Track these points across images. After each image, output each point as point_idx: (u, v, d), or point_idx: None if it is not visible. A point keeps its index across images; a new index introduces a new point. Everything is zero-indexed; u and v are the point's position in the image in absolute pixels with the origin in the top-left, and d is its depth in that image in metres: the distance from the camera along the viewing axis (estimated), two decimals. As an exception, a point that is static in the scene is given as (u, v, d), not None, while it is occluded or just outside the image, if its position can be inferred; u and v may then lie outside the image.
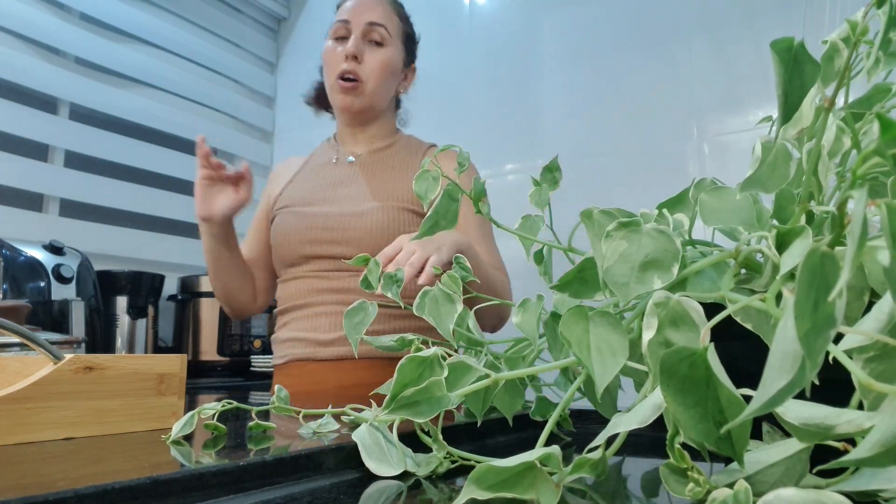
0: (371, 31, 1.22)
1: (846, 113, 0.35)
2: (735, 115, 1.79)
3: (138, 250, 2.15)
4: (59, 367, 0.46)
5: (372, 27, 1.22)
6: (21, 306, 0.95)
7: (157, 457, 0.39)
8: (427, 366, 0.38)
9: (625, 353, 0.33)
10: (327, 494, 0.35)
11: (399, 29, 1.28)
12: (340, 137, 1.34)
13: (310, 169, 1.32)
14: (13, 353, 0.65)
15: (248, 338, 2.07)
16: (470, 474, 0.29)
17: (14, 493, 0.27)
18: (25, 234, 1.75)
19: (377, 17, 1.23)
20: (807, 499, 0.21)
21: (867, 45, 0.38)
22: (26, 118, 1.90)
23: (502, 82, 2.19)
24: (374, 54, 1.22)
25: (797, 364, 0.20)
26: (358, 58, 1.20)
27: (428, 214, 0.51)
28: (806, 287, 0.20)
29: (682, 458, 0.28)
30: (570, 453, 0.49)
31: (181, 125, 2.35)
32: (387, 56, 1.22)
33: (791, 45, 0.32)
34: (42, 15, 1.97)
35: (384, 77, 1.23)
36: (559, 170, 0.54)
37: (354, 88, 1.21)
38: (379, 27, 1.22)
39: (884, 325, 0.26)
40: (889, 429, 0.20)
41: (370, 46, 1.22)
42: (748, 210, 0.38)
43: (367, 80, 1.21)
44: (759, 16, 1.77)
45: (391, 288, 0.61)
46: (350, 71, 1.20)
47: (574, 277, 0.41)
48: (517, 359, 0.51)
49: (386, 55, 1.23)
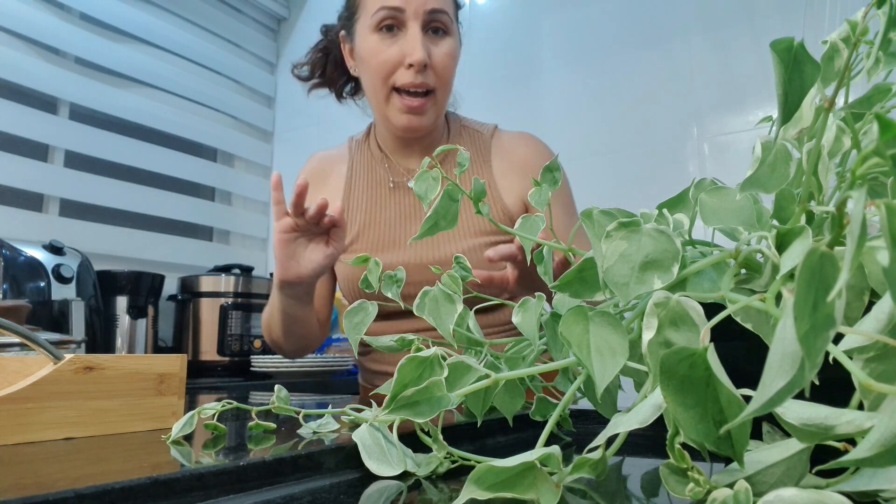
0: (432, 20, 0.95)
1: (846, 113, 0.35)
2: (735, 115, 1.79)
3: (138, 250, 2.15)
4: (59, 367, 0.46)
5: (433, 15, 0.94)
6: (21, 306, 0.95)
7: (157, 457, 0.39)
8: (427, 366, 0.38)
9: (625, 354, 0.33)
10: (327, 494, 0.35)
11: (453, 2, 1.01)
12: (386, 145, 1.08)
13: (361, 191, 1.07)
14: (13, 353, 0.65)
15: (248, 338, 2.07)
16: (470, 474, 0.29)
17: (14, 493, 0.27)
18: (25, 234, 1.75)
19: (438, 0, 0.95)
20: (807, 499, 0.21)
21: (867, 45, 0.38)
22: (26, 118, 1.90)
23: (502, 82, 2.19)
24: (440, 48, 0.95)
25: (796, 364, 0.20)
26: (429, 64, 0.94)
27: (428, 215, 0.51)
28: (805, 287, 0.20)
29: (683, 458, 0.28)
30: (570, 453, 0.49)
31: (181, 125, 2.35)
32: (453, 46, 0.97)
33: (791, 45, 0.32)
34: (42, 15, 1.97)
35: (453, 73, 0.99)
36: (559, 170, 0.54)
37: (422, 107, 0.95)
38: (441, 14, 0.95)
39: (884, 325, 0.26)
40: (888, 429, 0.20)
41: (431, 38, 0.95)
42: (748, 210, 0.38)
43: (439, 88, 0.96)
44: (759, 16, 1.77)
45: (391, 288, 0.61)
46: (420, 84, 0.94)
47: (574, 277, 0.41)
48: (517, 359, 0.51)
49: (453, 46, 0.97)
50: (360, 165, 1.10)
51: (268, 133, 2.72)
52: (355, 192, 1.08)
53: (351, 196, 1.08)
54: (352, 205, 1.07)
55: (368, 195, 1.07)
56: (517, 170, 1.05)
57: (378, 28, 0.95)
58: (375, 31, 0.95)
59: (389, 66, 0.94)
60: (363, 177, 1.09)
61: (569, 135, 2.02)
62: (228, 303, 2.06)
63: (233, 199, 2.62)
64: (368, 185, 1.08)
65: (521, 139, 1.09)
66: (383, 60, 0.94)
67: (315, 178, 1.12)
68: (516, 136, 1.10)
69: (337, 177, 1.11)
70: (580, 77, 2.04)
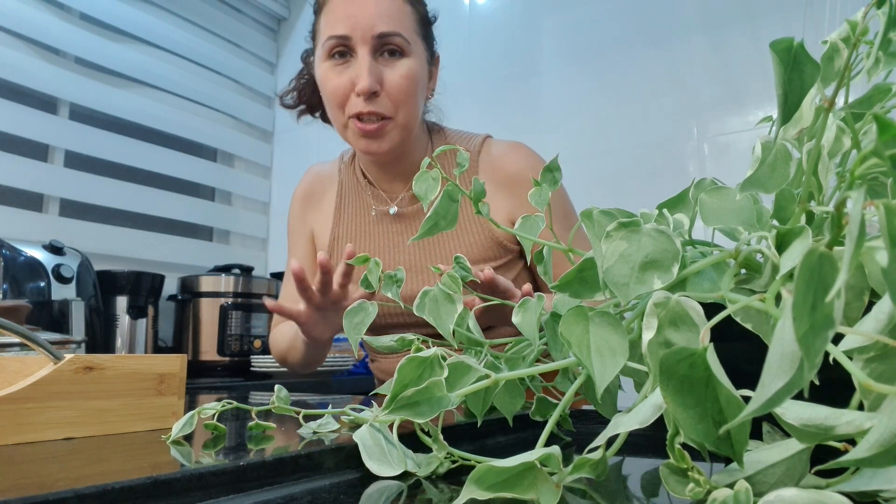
0: (383, 43, 0.91)
1: (846, 113, 0.35)
2: (735, 115, 1.79)
3: (138, 250, 2.15)
4: (59, 367, 0.46)
5: (384, 39, 0.91)
6: (21, 306, 0.95)
7: (157, 457, 0.39)
8: (427, 366, 0.38)
9: (625, 354, 0.33)
10: (327, 494, 0.35)
11: (414, 20, 0.96)
12: (369, 171, 1.06)
13: (349, 218, 1.08)
14: (13, 353, 0.65)
15: (248, 338, 2.07)
16: (470, 474, 0.29)
17: (14, 493, 0.27)
18: (25, 234, 1.75)
19: (387, 21, 0.90)
20: (808, 499, 0.21)
21: (867, 45, 0.38)
22: (26, 118, 1.90)
23: (502, 82, 2.19)
24: (395, 71, 0.92)
25: (795, 365, 0.20)
26: (378, 92, 0.91)
27: (428, 215, 0.51)
28: (804, 288, 0.20)
29: (683, 459, 0.28)
30: (570, 453, 0.49)
31: (181, 125, 2.35)
32: (411, 68, 0.93)
33: (790, 45, 0.32)
34: (42, 15, 1.97)
35: (413, 95, 0.93)
36: (559, 170, 0.54)
37: (380, 130, 0.92)
38: (393, 37, 0.91)
39: (884, 325, 0.26)
40: (887, 429, 0.20)
41: (386, 61, 0.92)
42: (748, 210, 0.38)
43: (396, 113, 0.93)
44: (759, 16, 1.77)
45: (391, 288, 0.61)
46: (371, 112, 0.91)
47: (574, 277, 0.41)
48: (517, 359, 0.51)
49: (410, 67, 0.92)
50: (348, 190, 1.10)
51: (268, 133, 2.72)
52: (344, 220, 1.09)
53: (340, 224, 1.09)
54: (341, 233, 1.08)
55: (356, 223, 1.07)
56: (505, 187, 1.00)
57: (330, 56, 0.93)
58: (327, 58, 0.94)
59: (341, 93, 0.92)
60: (351, 202, 1.09)
61: (569, 134, 2.02)
62: (228, 303, 2.06)
63: (233, 199, 2.62)
64: (356, 213, 1.08)
65: (511, 151, 1.03)
66: (334, 88, 0.93)
67: (310, 198, 1.14)
68: (507, 148, 1.04)
69: (328, 201, 1.12)
70: (580, 77, 2.04)
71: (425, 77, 0.98)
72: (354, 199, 1.09)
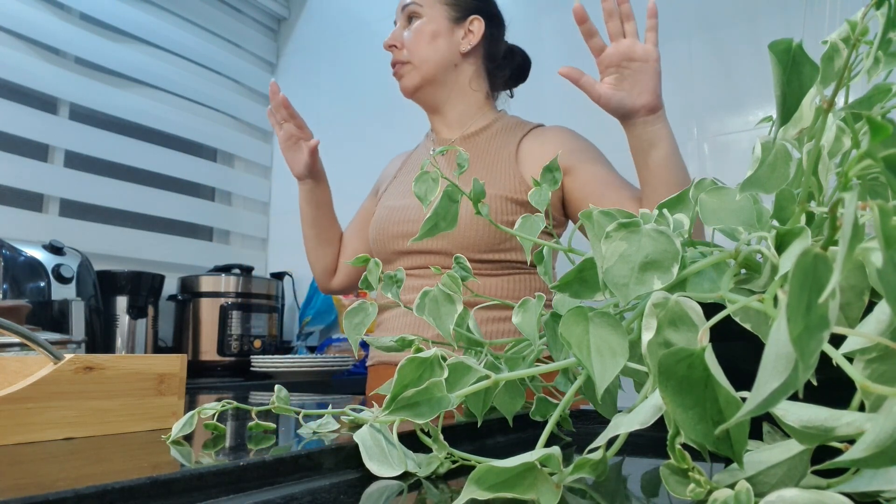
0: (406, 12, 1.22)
1: (846, 113, 0.35)
2: (735, 115, 1.79)
3: (138, 250, 2.15)
4: (59, 367, 0.46)
5: (406, 9, 1.23)
6: (21, 306, 0.95)
7: (157, 457, 0.39)
8: (427, 366, 0.38)
9: (625, 354, 0.33)
10: (327, 494, 0.35)
11: None
12: (432, 125, 1.34)
13: (411, 163, 1.33)
14: (13, 353, 0.65)
15: (248, 338, 2.07)
16: (470, 475, 0.29)
17: (14, 493, 0.27)
18: (25, 234, 1.75)
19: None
20: (808, 499, 0.21)
21: (867, 45, 0.38)
22: (26, 118, 1.90)
23: (502, 82, 2.18)
24: (410, 31, 1.22)
25: (790, 366, 0.20)
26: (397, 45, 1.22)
27: (428, 215, 0.51)
28: (798, 288, 0.20)
29: (683, 459, 0.28)
30: (570, 453, 0.49)
31: (181, 125, 2.35)
32: (420, 25, 1.21)
33: (789, 46, 0.32)
34: (42, 15, 1.97)
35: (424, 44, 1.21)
36: (559, 170, 0.54)
37: (398, 71, 1.23)
38: (412, 5, 1.22)
39: (885, 326, 0.26)
40: (883, 430, 0.20)
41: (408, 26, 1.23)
42: (748, 210, 0.38)
43: (410, 57, 1.21)
44: (759, 16, 1.77)
45: (391, 288, 0.61)
46: (393, 62, 1.23)
47: (574, 277, 0.41)
48: (517, 359, 0.51)
49: (418, 25, 1.21)
50: (421, 146, 1.36)
51: (268, 133, 2.72)
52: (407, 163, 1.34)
53: (403, 167, 1.34)
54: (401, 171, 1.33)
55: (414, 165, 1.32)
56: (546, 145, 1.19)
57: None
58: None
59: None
60: (418, 154, 1.34)
61: (569, 135, 2.01)
62: (228, 303, 2.06)
63: (233, 199, 2.62)
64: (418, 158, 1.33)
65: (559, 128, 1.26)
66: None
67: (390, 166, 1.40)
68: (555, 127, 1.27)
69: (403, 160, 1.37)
70: (580, 77, 2.04)
71: (443, 31, 1.22)
72: (421, 151, 1.35)
